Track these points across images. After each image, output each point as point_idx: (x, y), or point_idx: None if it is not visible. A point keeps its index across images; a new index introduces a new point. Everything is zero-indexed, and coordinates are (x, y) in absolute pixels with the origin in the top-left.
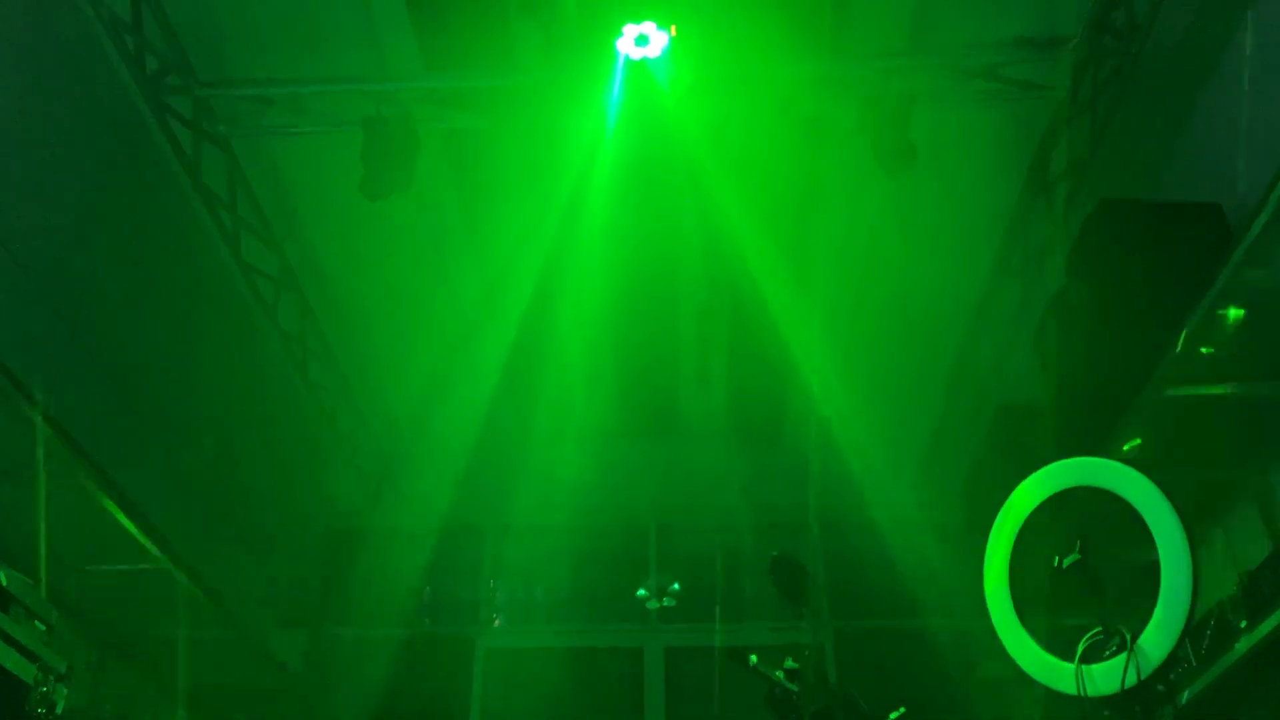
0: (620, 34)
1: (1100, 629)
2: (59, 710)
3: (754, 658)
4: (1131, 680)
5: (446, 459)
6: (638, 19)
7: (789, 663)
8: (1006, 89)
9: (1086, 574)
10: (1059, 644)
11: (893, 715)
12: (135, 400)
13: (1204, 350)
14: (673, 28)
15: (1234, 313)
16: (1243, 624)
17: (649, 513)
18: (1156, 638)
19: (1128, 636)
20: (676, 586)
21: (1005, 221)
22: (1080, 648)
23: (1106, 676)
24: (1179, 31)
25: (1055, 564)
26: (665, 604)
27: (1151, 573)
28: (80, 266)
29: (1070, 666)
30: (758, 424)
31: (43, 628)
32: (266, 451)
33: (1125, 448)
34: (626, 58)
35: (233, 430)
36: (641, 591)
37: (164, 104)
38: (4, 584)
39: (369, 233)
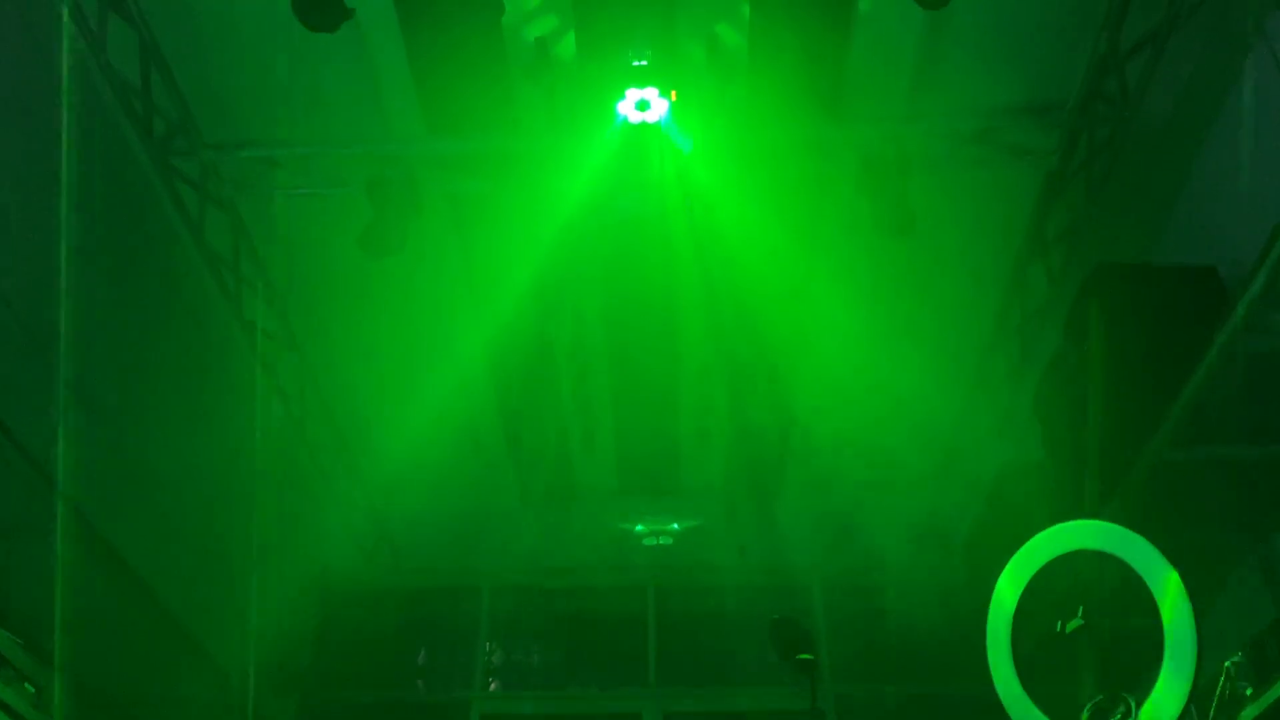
0: (622, 98)
1: (1104, 695)
2: None
3: None
4: None
5: (442, 519)
6: (640, 84)
7: None
8: (1001, 154)
9: (1090, 639)
10: (1063, 710)
11: None
12: (131, 457)
13: (1203, 413)
14: (673, 93)
15: (1231, 376)
16: (1249, 690)
17: (647, 573)
18: (1162, 704)
19: (1132, 704)
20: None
21: (1003, 283)
22: (1085, 715)
23: None
24: (1172, 98)
25: (1058, 628)
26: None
27: (1155, 638)
28: (80, 325)
29: None
30: (757, 485)
31: (32, 690)
32: (261, 510)
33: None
34: (628, 122)
35: (228, 488)
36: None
37: (170, 166)
38: None
39: (369, 292)
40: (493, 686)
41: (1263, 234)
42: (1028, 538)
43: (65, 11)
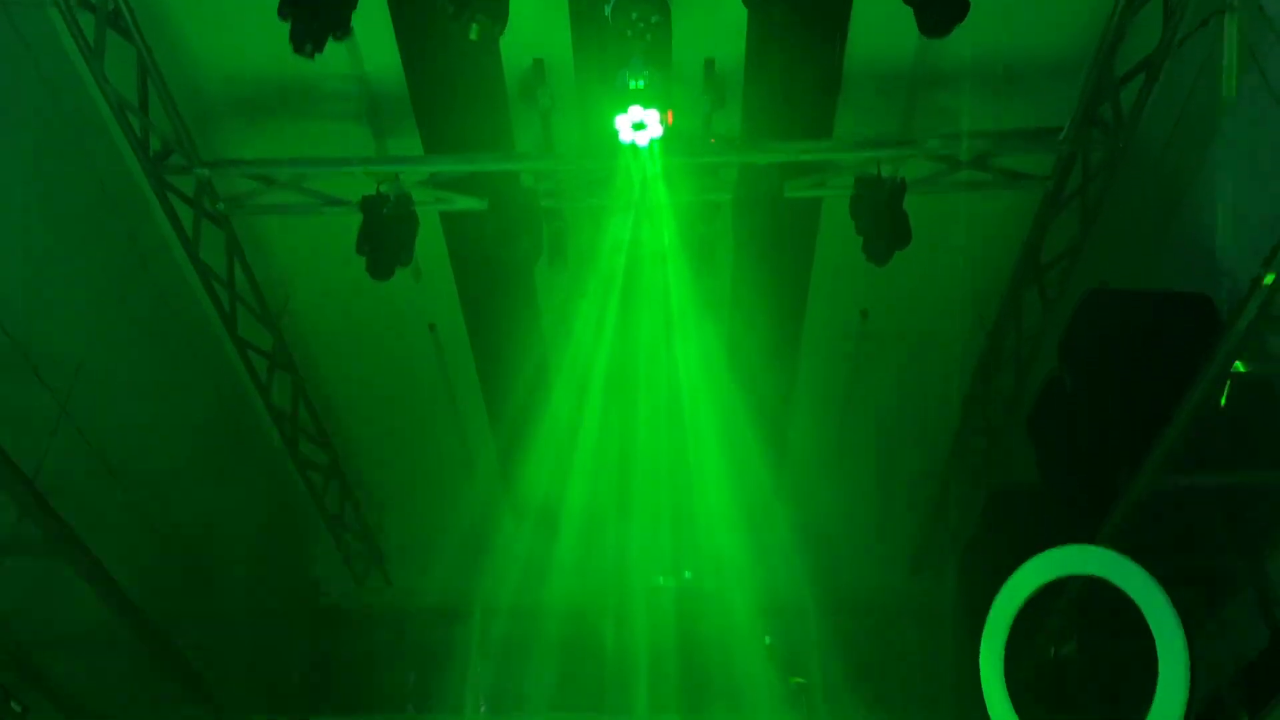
0: (624, 111)
1: (1097, 719)
2: None
3: None
4: None
5: (434, 542)
6: (642, 104)
7: None
8: (997, 178)
9: (1082, 663)
10: None
11: None
12: (121, 472)
13: (1197, 438)
14: (670, 114)
15: (1225, 402)
16: (1244, 716)
17: (640, 597)
18: None
19: None
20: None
21: (998, 307)
22: None
23: None
24: (1167, 124)
25: (1051, 653)
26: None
27: (1148, 661)
28: (71, 344)
29: None
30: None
31: (19, 709)
32: (253, 530)
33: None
34: (623, 143)
35: (219, 506)
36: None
37: (166, 183)
38: None
39: (364, 311)
40: (483, 709)
41: (1258, 259)
42: (1021, 562)
43: (61, 26)
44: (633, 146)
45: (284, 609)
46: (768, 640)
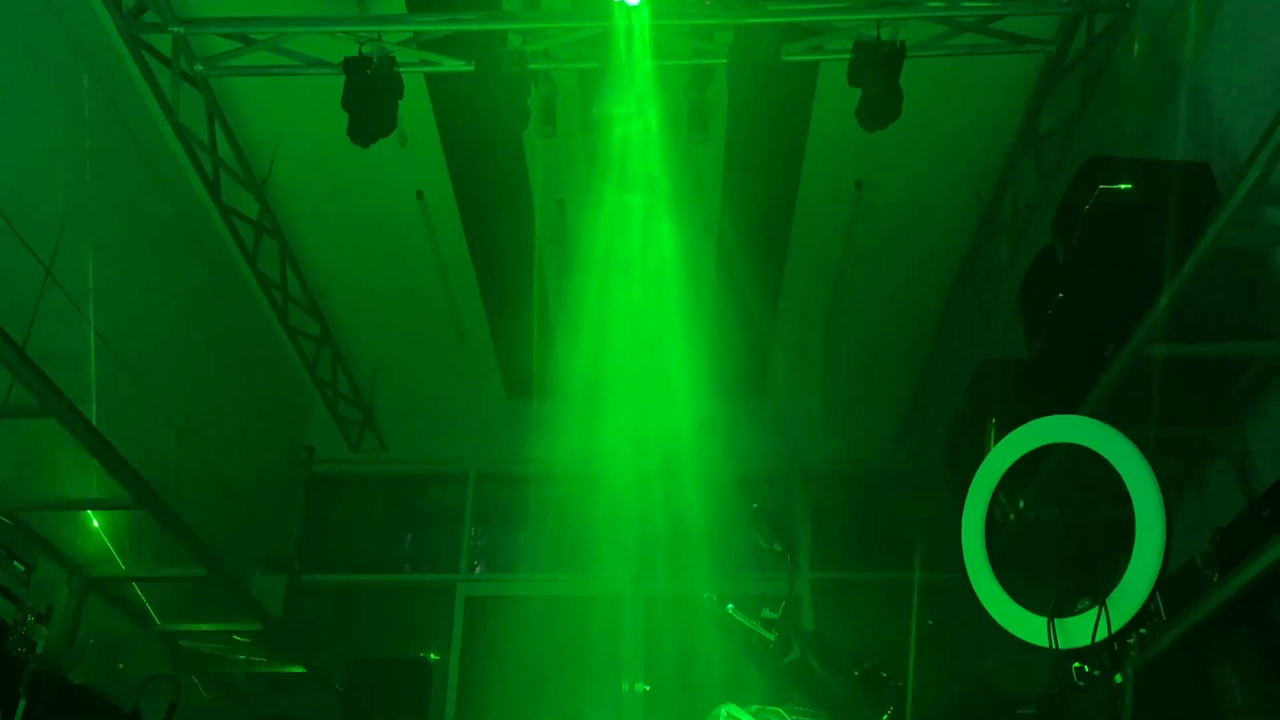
0: None
1: (1073, 583)
2: (39, 650)
3: (731, 607)
4: (1103, 634)
5: (427, 409)
6: None
7: (766, 613)
8: (998, 43)
9: (1062, 529)
10: (1033, 598)
11: (867, 664)
12: (111, 338)
13: (1185, 309)
14: None
15: (1216, 273)
16: (1214, 578)
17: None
18: (1129, 592)
19: (1100, 590)
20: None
21: (994, 177)
22: (1053, 601)
23: (1078, 629)
24: None
25: (1032, 519)
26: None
27: (1127, 528)
28: (54, 209)
29: (1043, 619)
30: (739, 376)
31: (22, 569)
32: (246, 397)
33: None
34: (614, 1)
35: (212, 374)
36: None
37: (141, 41)
38: None
39: (350, 180)
40: (478, 570)
41: (1257, 131)
42: (1007, 431)
43: None
44: (623, 6)
45: (280, 476)
46: (755, 506)
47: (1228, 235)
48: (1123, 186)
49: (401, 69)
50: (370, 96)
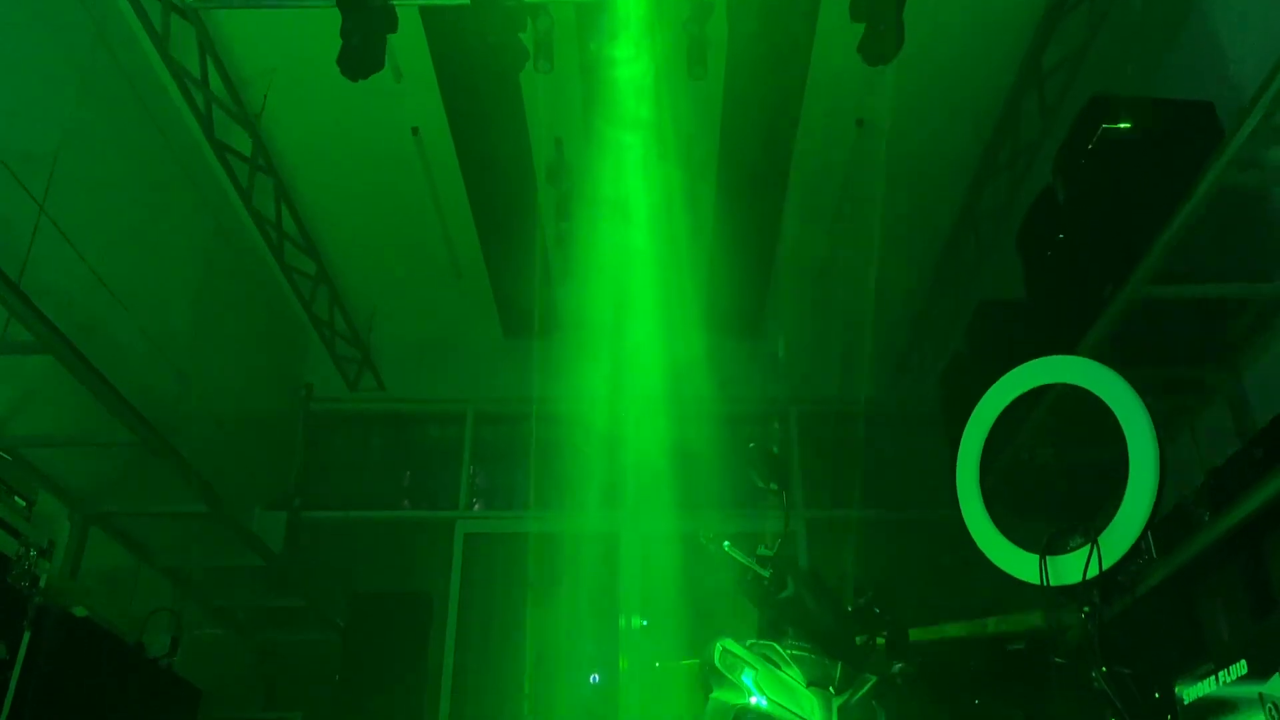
0: None
1: (1065, 521)
2: (42, 584)
3: (727, 544)
4: (1093, 571)
5: (425, 347)
6: None
7: (761, 549)
8: None
9: (1056, 468)
10: (1026, 537)
11: (860, 599)
12: (107, 275)
13: (1184, 251)
14: None
15: (1216, 214)
16: (1205, 517)
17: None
18: (1120, 530)
19: (1091, 529)
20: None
21: (995, 116)
22: (1045, 539)
23: (1069, 567)
24: None
25: (1027, 458)
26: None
27: (1120, 468)
28: (45, 145)
29: (1034, 557)
30: (736, 315)
31: (23, 503)
32: (244, 335)
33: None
34: None
35: (209, 312)
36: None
37: None
38: None
39: (344, 116)
40: (476, 506)
41: (1262, 70)
42: (1004, 371)
43: None
44: None
45: (279, 414)
46: (751, 445)
47: (1229, 175)
48: (1125, 126)
49: (396, 2)
50: (364, 30)
